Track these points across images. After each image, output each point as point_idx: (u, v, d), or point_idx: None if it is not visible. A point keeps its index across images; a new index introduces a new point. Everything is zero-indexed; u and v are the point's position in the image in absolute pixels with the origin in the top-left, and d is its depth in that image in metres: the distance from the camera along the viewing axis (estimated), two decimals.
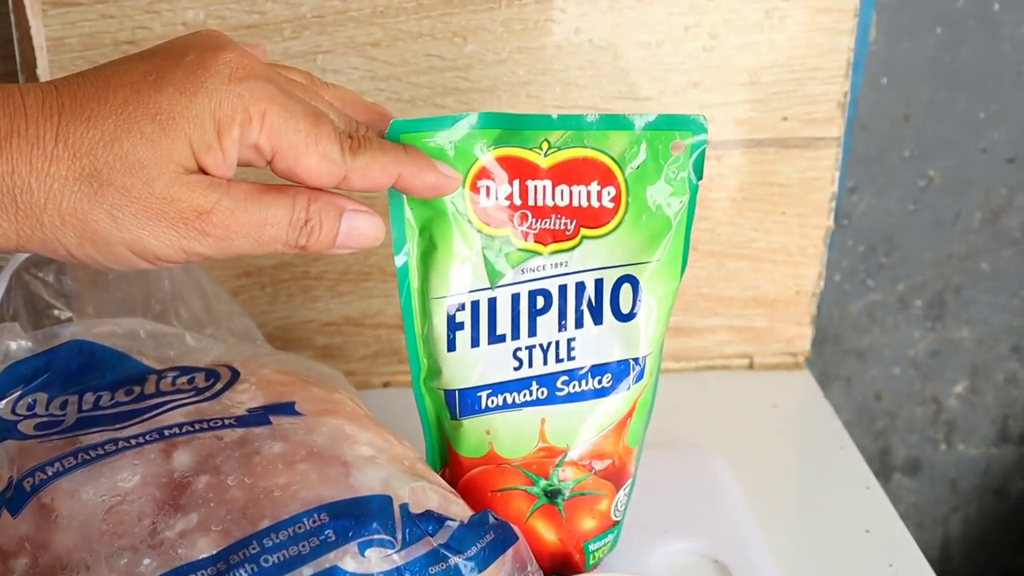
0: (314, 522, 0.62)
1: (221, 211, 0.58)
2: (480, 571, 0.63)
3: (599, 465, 0.72)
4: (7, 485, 0.66)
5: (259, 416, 0.68)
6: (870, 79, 1.08)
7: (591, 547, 0.74)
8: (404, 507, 0.64)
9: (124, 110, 0.57)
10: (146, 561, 0.62)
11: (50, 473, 0.65)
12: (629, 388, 0.72)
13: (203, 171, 0.58)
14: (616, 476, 0.73)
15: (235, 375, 0.72)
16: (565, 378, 0.71)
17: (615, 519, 0.75)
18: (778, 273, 0.98)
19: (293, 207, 0.60)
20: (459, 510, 0.66)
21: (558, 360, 0.71)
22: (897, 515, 0.84)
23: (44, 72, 0.85)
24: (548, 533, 0.73)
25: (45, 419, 0.69)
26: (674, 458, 0.87)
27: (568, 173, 0.69)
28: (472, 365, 0.70)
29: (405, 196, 0.68)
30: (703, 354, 1.00)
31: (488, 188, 0.68)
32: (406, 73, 0.89)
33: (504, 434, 0.71)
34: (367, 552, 0.62)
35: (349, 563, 0.61)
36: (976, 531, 1.30)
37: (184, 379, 0.72)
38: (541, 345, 0.71)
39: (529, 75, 0.89)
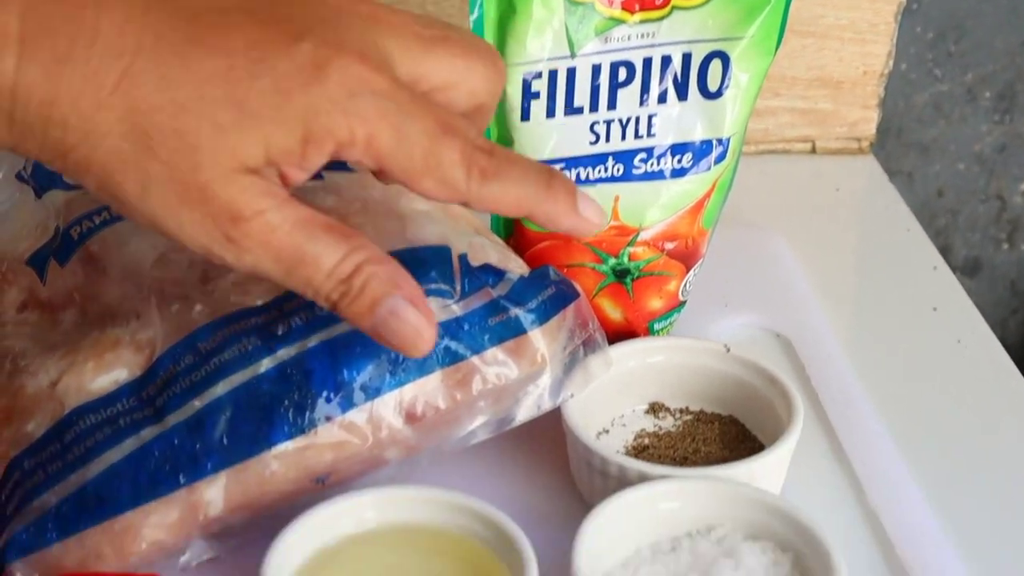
0: None
1: (259, 225, 0.50)
2: (540, 324, 0.61)
3: (671, 245, 0.70)
4: (54, 235, 0.65)
5: None
6: None
7: (656, 326, 0.73)
8: (463, 258, 0.62)
9: (206, 86, 0.48)
10: (198, 308, 0.61)
11: (97, 222, 0.64)
12: (709, 168, 0.69)
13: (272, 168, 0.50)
14: (688, 257, 0.71)
15: None
16: (643, 155, 0.68)
17: (682, 299, 0.73)
18: (845, 52, 0.94)
19: (344, 257, 0.51)
20: (517, 267, 0.64)
21: (637, 136, 0.68)
22: (965, 293, 0.82)
23: None
24: (613, 312, 0.71)
25: None
26: (734, 237, 0.84)
27: None
28: (546, 137, 0.68)
29: None
30: (764, 137, 0.97)
31: None
32: None
33: None
34: None
35: None
36: None
37: None
38: (620, 120, 0.68)
39: None
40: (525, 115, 0.67)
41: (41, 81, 0.47)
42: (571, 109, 0.68)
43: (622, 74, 0.67)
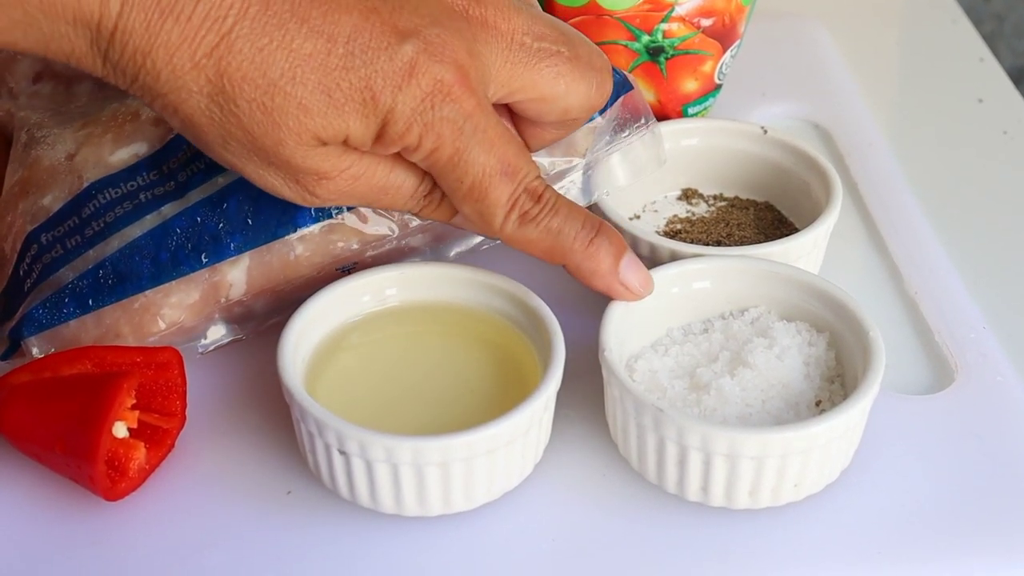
0: None
1: (344, 178, 0.51)
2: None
3: (707, 22, 0.68)
4: None
5: None
6: None
7: (690, 111, 0.70)
8: None
9: (300, 66, 0.48)
10: None
11: None
12: None
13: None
14: (724, 36, 0.69)
15: None
16: None
17: (718, 82, 0.70)
18: None
19: (420, 181, 0.53)
20: None
21: None
22: (1012, 85, 0.79)
23: None
24: (646, 93, 0.69)
25: None
26: (773, 25, 0.82)
27: None
28: None
29: None
30: None
31: None
32: None
33: None
34: None
35: None
36: None
37: None
38: None
39: None
40: None
41: (141, 31, 0.47)
42: None
43: None
